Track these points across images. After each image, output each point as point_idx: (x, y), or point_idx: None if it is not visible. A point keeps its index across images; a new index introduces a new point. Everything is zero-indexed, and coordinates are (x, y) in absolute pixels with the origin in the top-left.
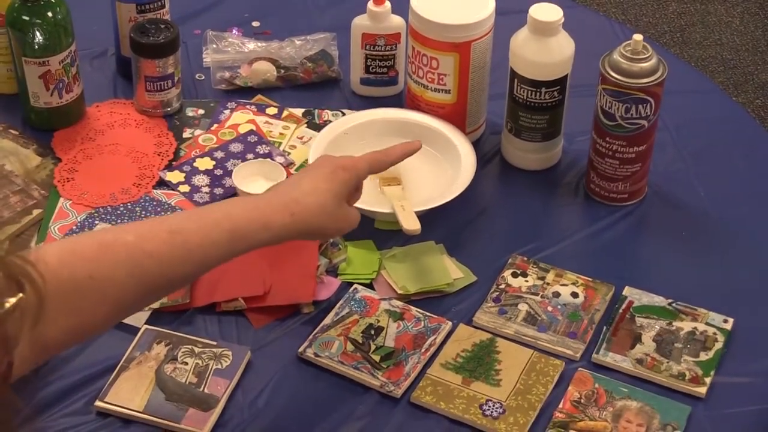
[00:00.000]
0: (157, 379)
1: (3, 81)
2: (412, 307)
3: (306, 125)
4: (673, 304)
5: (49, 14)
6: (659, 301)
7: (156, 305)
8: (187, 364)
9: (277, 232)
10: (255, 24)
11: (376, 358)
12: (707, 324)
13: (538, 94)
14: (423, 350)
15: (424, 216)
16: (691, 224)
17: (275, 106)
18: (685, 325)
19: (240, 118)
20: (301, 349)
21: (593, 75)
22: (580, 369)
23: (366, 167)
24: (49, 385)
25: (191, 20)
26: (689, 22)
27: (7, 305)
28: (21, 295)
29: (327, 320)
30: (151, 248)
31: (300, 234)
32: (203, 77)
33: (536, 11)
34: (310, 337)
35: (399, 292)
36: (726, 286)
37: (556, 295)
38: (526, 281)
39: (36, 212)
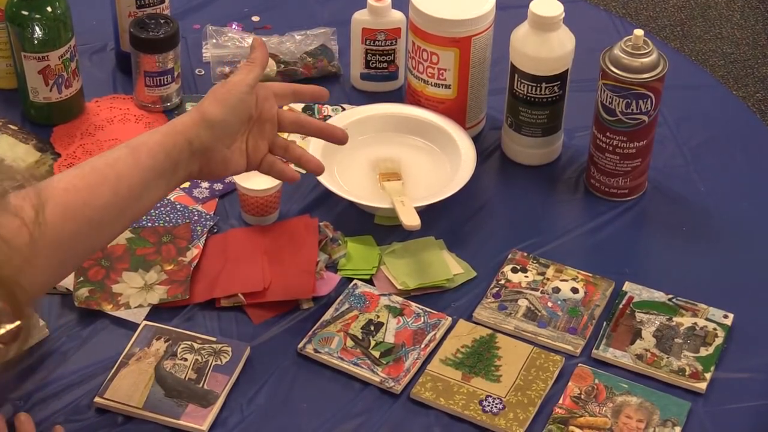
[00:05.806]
0: (157, 375)
1: (2, 76)
2: (411, 303)
3: None
4: (673, 300)
5: (49, 9)
6: (659, 296)
7: (155, 301)
8: (186, 360)
9: (165, 129)
10: (255, 19)
11: (376, 353)
12: (707, 319)
13: (538, 89)
14: (423, 346)
15: (423, 211)
16: (691, 219)
17: None
18: (685, 321)
19: None
20: (300, 345)
21: (594, 70)
22: (580, 365)
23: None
24: (48, 381)
25: (191, 15)
26: (689, 16)
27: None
28: (19, 322)
29: (326, 316)
30: (65, 184)
31: (199, 122)
32: (203, 72)
33: (537, 6)
34: (310, 333)
35: (399, 287)
36: (726, 281)
37: (556, 290)
38: (526, 277)
39: None
